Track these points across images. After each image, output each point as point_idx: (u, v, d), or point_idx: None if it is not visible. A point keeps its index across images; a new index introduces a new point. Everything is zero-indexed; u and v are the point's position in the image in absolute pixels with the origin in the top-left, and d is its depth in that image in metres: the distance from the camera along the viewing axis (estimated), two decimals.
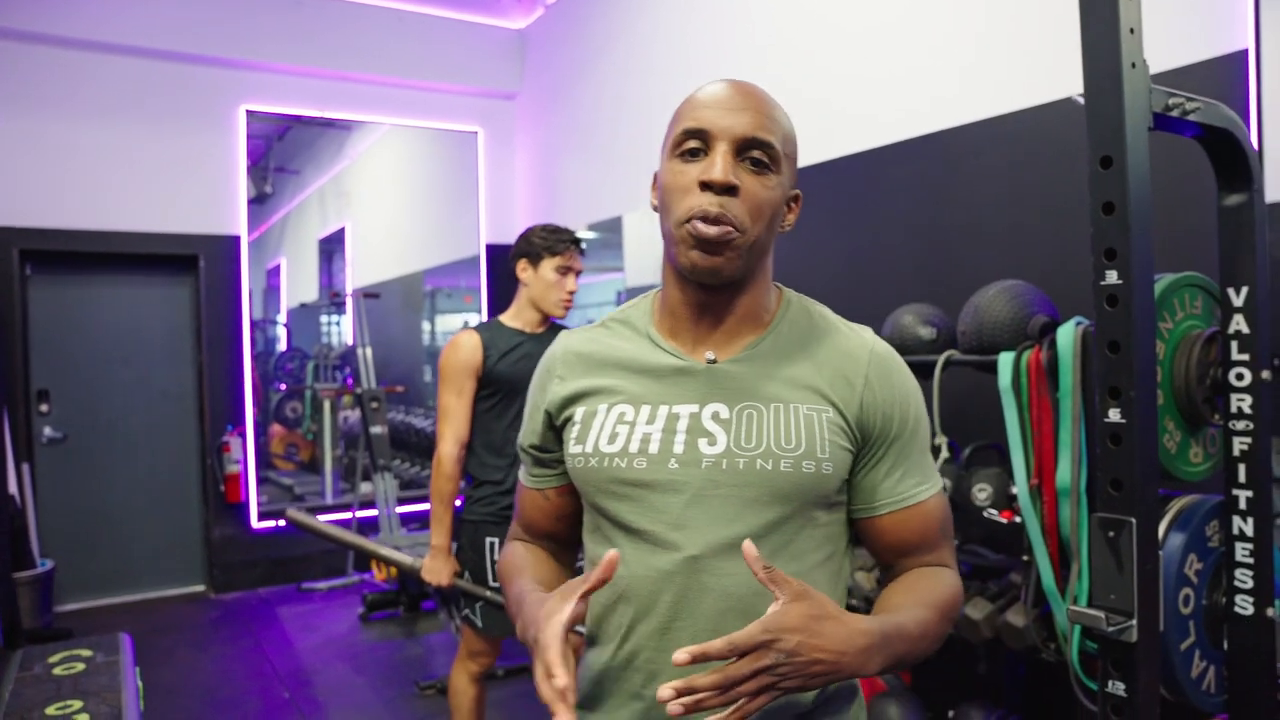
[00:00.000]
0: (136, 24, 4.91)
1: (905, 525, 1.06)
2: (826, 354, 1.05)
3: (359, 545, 2.76)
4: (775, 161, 1.00)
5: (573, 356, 1.12)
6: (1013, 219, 2.84)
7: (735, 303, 1.04)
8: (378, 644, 4.41)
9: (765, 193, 0.99)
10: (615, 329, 1.13)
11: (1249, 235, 1.61)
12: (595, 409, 1.06)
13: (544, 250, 2.63)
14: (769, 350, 1.05)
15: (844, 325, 1.10)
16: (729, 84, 1.03)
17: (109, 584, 5.15)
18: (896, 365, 1.07)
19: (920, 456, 1.07)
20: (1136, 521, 1.34)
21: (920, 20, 3.18)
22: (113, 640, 2.12)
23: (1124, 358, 1.35)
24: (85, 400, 5.09)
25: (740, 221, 0.97)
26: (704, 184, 0.97)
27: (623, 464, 1.02)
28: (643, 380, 1.06)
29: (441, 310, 7.36)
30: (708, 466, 1.00)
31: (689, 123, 1.00)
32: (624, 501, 1.03)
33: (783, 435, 1.00)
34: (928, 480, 1.07)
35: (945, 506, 1.10)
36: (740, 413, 1.02)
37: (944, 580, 1.06)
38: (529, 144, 6.07)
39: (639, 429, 1.03)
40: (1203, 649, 1.74)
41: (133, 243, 5.05)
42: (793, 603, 0.85)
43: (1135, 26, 1.35)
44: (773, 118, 1.01)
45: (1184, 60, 2.33)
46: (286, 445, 6.67)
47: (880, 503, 1.05)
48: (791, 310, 1.09)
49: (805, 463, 0.99)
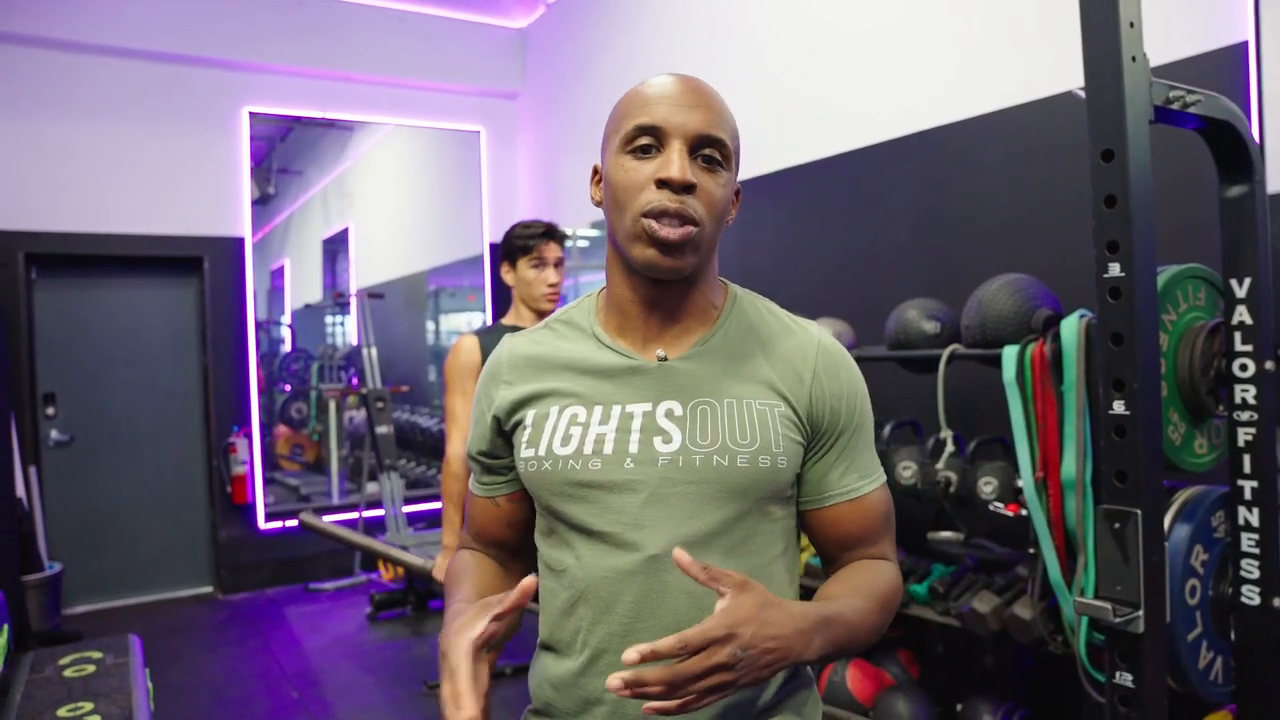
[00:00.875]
0: (138, 26, 4.93)
1: (849, 518, 1.06)
2: (775, 348, 1.06)
3: (371, 548, 2.77)
4: (726, 159, 1.01)
5: (519, 359, 1.10)
6: (1015, 213, 2.84)
7: (685, 299, 1.04)
8: (385, 644, 4.42)
9: (719, 190, 1.00)
10: (559, 330, 1.11)
11: (1251, 227, 1.62)
12: (546, 411, 1.05)
13: (518, 250, 2.66)
14: (719, 346, 1.05)
15: (791, 320, 1.10)
16: (679, 79, 1.02)
17: (117, 586, 5.17)
18: (843, 359, 1.08)
19: (865, 450, 1.08)
20: (1142, 513, 1.34)
21: (919, 16, 3.18)
22: (122, 642, 2.13)
23: (1127, 350, 1.36)
24: (91, 403, 5.11)
25: (699, 218, 0.97)
26: (661, 182, 0.96)
27: (577, 465, 1.01)
28: (593, 381, 1.04)
29: (445, 310, 7.37)
30: (664, 465, 0.99)
31: (641, 118, 0.99)
32: (580, 504, 1.01)
33: (738, 431, 1.00)
34: (872, 474, 1.08)
35: (887, 500, 1.10)
36: (694, 409, 1.01)
37: (883, 572, 1.06)
38: (531, 143, 6.08)
39: (593, 430, 1.01)
40: (1210, 640, 1.74)
41: (137, 245, 5.06)
42: (740, 594, 0.85)
43: (1135, 20, 1.35)
44: (722, 115, 1.01)
45: (1184, 53, 2.33)
46: (292, 446, 6.69)
47: (827, 494, 1.06)
48: (739, 305, 1.09)
49: (761, 458, 1.00)
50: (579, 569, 1.02)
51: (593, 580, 1.01)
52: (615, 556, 1.00)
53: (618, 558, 1.00)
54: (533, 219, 2.72)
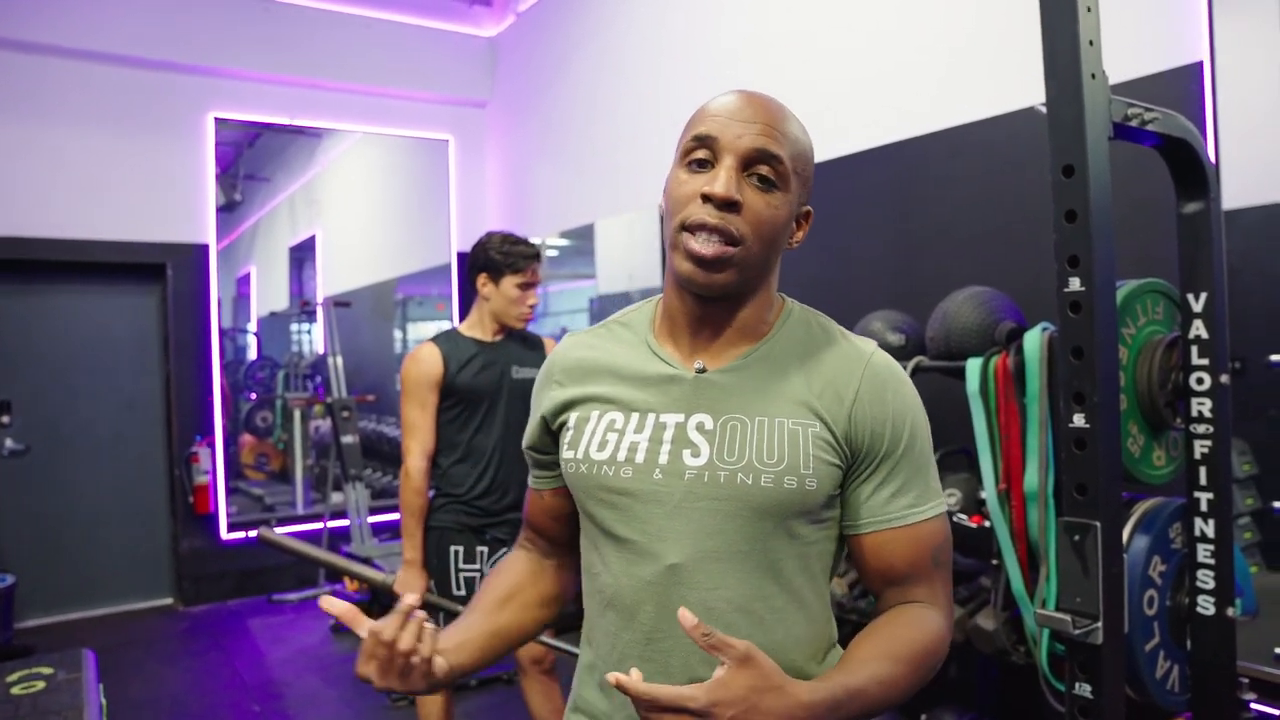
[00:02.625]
0: (100, 29, 4.85)
1: (891, 548, 1.01)
2: (819, 367, 1.03)
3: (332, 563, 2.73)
4: (783, 178, 0.98)
5: (572, 362, 1.12)
6: (980, 226, 2.87)
7: (733, 315, 1.03)
8: (349, 655, 4.36)
9: (768, 210, 0.97)
10: (617, 332, 1.12)
11: (1207, 242, 1.64)
12: (588, 415, 1.06)
13: (505, 267, 2.63)
14: (760, 361, 1.03)
15: (844, 337, 1.07)
16: (744, 94, 1.01)
17: (73, 598, 5.05)
18: (893, 379, 1.03)
19: (916, 476, 1.02)
20: (1101, 525, 1.36)
21: (889, 29, 3.22)
22: (75, 656, 2.08)
23: (1087, 363, 1.37)
24: (48, 411, 5.00)
25: (741, 236, 0.96)
26: (705, 196, 0.95)
27: (610, 472, 1.02)
28: (635, 388, 1.05)
29: (413, 318, 7.32)
30: (690, 478, 0.99)
31: (699, 129, 0.99)
32: (610, 509, 1.02)
33: (765, 450, 0.98)
34: (923, 503, 1.02)
35: (943, 532, 1.04)
36: (724, 424, 1.00)
37: (926, 626, 1.00)
38: (500, 152, 6.06)
39: (627, 437, 1.02)
40: (1167, 649, 1.76)
41: (98, 251, 4.97)
42: (737, 670, 0.81)
43: (1095, 39, 1.38)
44: (784, 133, 0.99)
45: (1142, 72, 2.37)
46: (257, 455, 6.59)
47: (864, 520, 1.01)
48: (791, 321, 1.07)
49: (787, 478, 0.97)
50: (607, 574, 1.04)
51: (620, 587, 1.03)
52: (638, 565, 1.01)
53: (640, 567, 1.01)
54: (517, 236, 2.69)
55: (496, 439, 2.67)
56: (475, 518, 2.63)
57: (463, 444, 2.64)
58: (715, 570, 0.97)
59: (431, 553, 2.62)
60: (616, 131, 4.76)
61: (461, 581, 2.61)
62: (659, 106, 4.39)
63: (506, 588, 1.17)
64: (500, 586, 1.17)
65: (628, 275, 4.75)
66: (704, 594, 0.98)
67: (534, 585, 1.19)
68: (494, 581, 1.18)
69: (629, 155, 4.67)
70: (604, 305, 4.99)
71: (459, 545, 2.61)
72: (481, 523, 2.64)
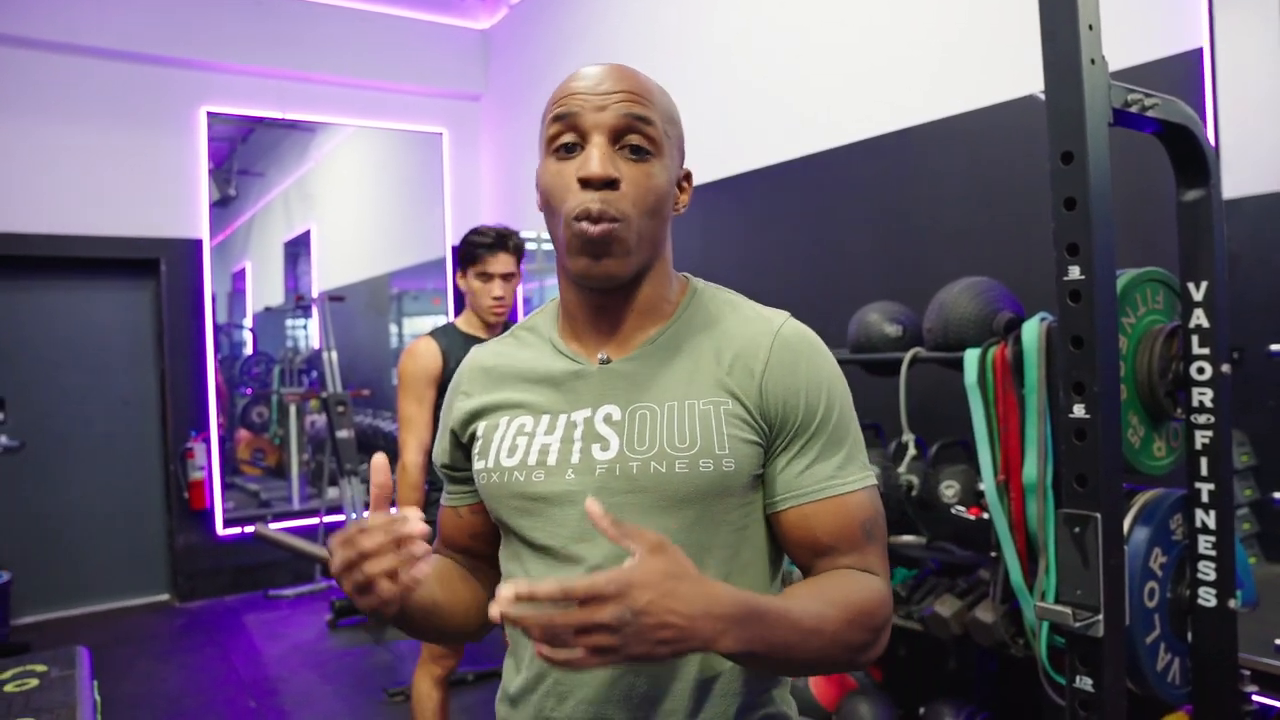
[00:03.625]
0: (92, 23, 4.81)
1: (815, 521, 0.95)
2: (728, 342, 0.97)
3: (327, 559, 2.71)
4: (656, 144, 0.94)
5: (478, 371, 1.07)
6: (978, 216, 2.85)
7: (632, 299, 0.98)
8: (346, 651, 4.35)
9: (648, 181, 0.93)
10: (523, 338, 1.07)
11: (1207, 230, 1.63)
12: (497, 423, 1.01)
13: (466, 260, 2.60)
14: (666, 344, 0.98)
15: (753, 310, 1.02)
16: (599, 68, 0.95)
17: (69, 595, 5.04)
18: (805, 349, 0.98)
19: (836, 447, 0.96)
20: (1101, 517, 1.34)
21: (883, 19, 3.19)
22: (69, 654, 2.06)
23: (1087, 353, 1.35)
24: (42, 408, 4.97)
25: (624, 214, 0.91)
26: (582, 180, 0.91)
27: (521, 477, 0.97)
28: (542, 389, 1.00)
29: (408, 313, 7.30)
30: (601, 474, 0.94)
31: (557, 110, 0.94)
32: (526, 516, 0.97)
33: (676, 434, 0.93)
34: (847, 475, 0.96)
35: (872, 505, 0.98)
36: (633, 414, 0.95)
37: (861, 583, 0.93)
38: (494, 145, 6.03)
39: (538, 440, 0.97)
40: (1168, 642, 1.75)
41: (91, 247, 4.94)
42: (649, 557, 0.76)
43: (1094, 23, 1.36)
44: (648, 98, 0.94)
45: (1142, 58, 2.36)
46: (253, 450, 6.58)
47: (781, 496, 0.96)
48: (696, 300, 1.02)
49: (702, 461, 0.92)
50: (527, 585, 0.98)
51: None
52: (559, 571, 0.95)
53: (562, 573, 0.94)
54: (489, 225, 2.65)
55: None
56: None
57: None
58: None
59: None
60: None
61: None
62: None
63: (445, 566, 1.07)
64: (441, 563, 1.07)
65: None
66: None
67: (465, 580, 1.08)
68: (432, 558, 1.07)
69: None
70: None
71: None
72: None
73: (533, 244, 5.74)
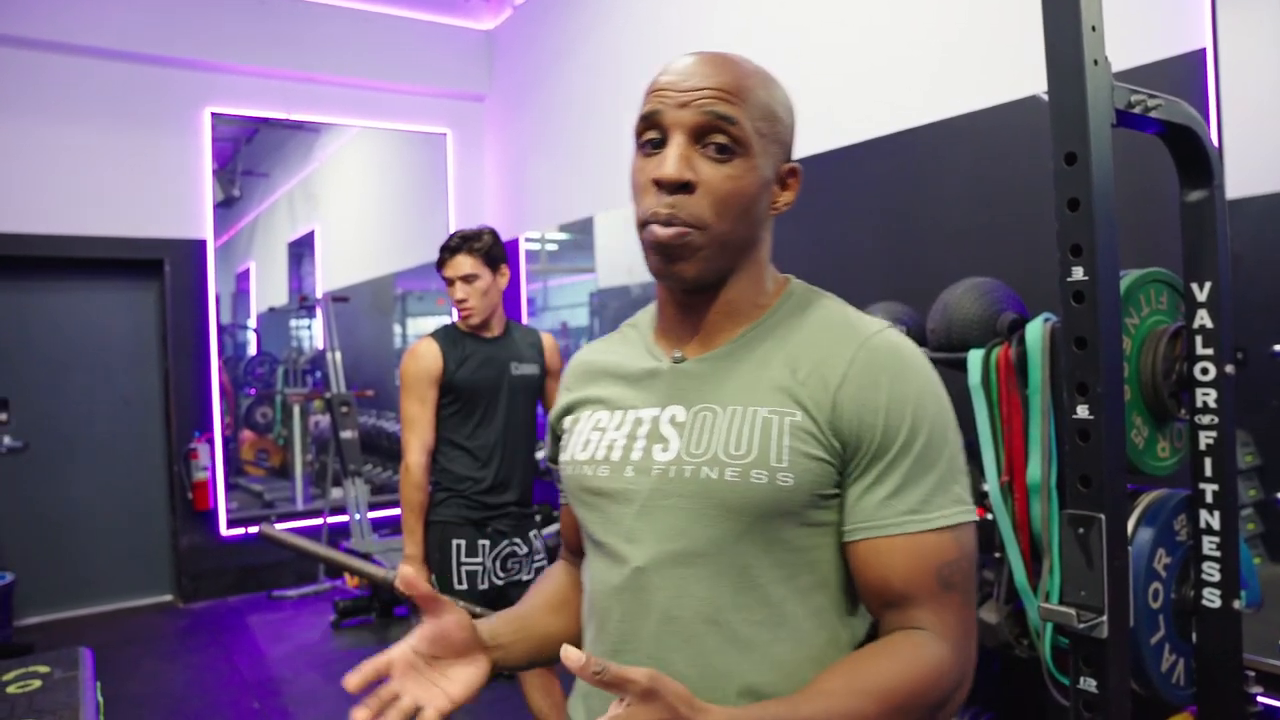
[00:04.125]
0: (97, 25, 4.83)
1: (885, 560, 0.86)
2: (810, 350, 0.90)
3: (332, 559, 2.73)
4: (743, 143, 0.88)
5: (578, 368, 1.08)
6: (981, 216, 2.85)
7: (717, 300, 0.94)
8: (349, 651, 4.36)
9: (729, 183, 0.87)
10: (626, 334, 1.07)
11: (1211, 231, 1.62)
12: (579, 417, 1.02)
13: (436, 265, 2.66)
14: (745, 347, 0.93)
15: (845, 317, 0.94)
16: (690, 58, 0.91)
17: (73, 596, 5.05)
18: (894, 363, 0.89)
19: (920, 478, 0.86)
20: (1105, 517, 1.34)
21: (887, 19, 3.19)
22: (72, 655, 2.06)
23: (1091, 354, 1.35)
24: (46, 408, 4.99)
25: (699, 219, 0.87)
26: (655, 182, 0.88)
27: (589, 472, 0.96)
28: (622, 385, 1.00)
29: (412, 313, 7.31)
30: (657, 474, 0.91)
31: (645, 108, 0.91)
32: (591, 511, 0.97)
33: (733, 441, 0.88)
34: (929, 510, 0.85)
35: (957, 548, 0.86)
36: (696, 415, 0.92)
37: (913, 657, 0.83)
38: (498, 145, 6.04)
39: (608, 435, 0.96)
40: (1172, 643, 1.75)
41: (95, 247, 4.95)
42: (640, 706, 0.70)
43: (1097, 24, 1.35)
44: (740, 91, 0.88)
45: (1145, 59, 2.35)
46: (257, 451, 6.60)
47: (851, 526, 0.87)
48: (789, 303, 0.97)
49: (755, 472, 0.86)
50: (589, 581, 0.98)
51: (595, 594, 0.96)
52: (610, 570, 0.94)
53: (612, 571, 0.93)
54: (462, 229, 2.67)
55: (498, 434, 2.66)
56: (477, 511, 2.62)
57: (463, 439, 2.63)
58: (679, 575, 0.88)
59: (433, 547, 2.61)
60: (614, 124, 4.73)
61: (464, 575, 2.60)
62: None
63: (560, 594, 1.10)
64: (556, 592, 1.10)
65: (627, 269, 4.73)
66: (667, 601, 0.89)
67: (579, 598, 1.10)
68: (546, 586, 1.12)
69: (627, 147, 4.56)
70: (604, 299, 4.97)
71: (461, 539, 2.60)
72: (483, 516, 2.63)
73: (535, 244, 5.75)
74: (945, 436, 0.88)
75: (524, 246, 5.76)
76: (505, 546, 2.66)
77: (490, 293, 2.64)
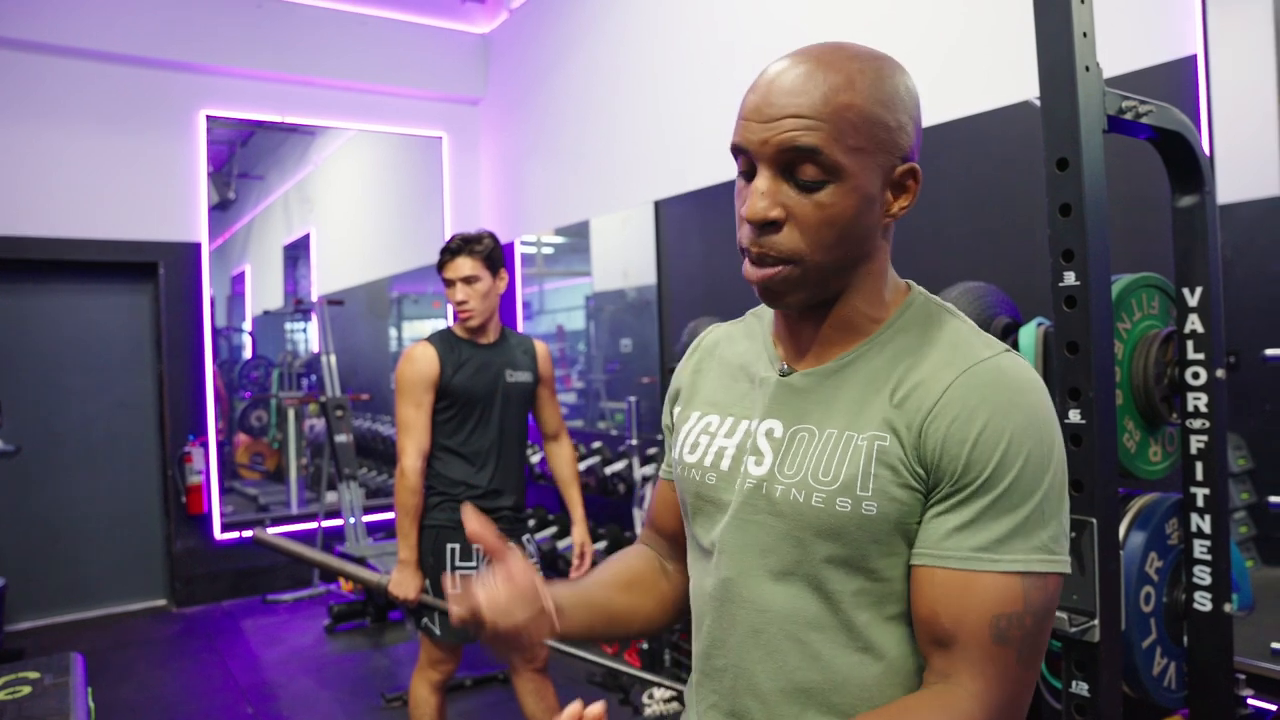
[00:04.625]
0: (91, 27, 4.82)
1: (937, 593, 0.81)
2: (915, 371, 0.85)
3: (326, 564, 2.73)
4: (833, 169, 0.82)
5: (706, 351, 1.06)
6: (975, 221, 2.86)
7: (828, 315, 0.90)
8: (344, 655, 4.35)
9: (822, 211, 0.82)
10: (750, 325, 1.04)
11: (1202, 236, 1.63)
12: (689, 415, 1.02)
13: (437, 266, 2.66)
14: (853, 364, 0.89)
15: (960, 337, 0.88)
16: (779, 67, 0.85)
17: (66, 600, 5.03)
18: (999, 393, 0.81)
19: (1001, 519, 0.79)
20: (1097, 522, 1.35)
21: (880, 24, 3.20)
22: (63, 660, 2.05)
23: (1083, 358, 1.36)
24: (39, 412, 4.97)
25: (793, 254, 0.84)
26: (744, 218, 0.86)
27: (697, 476, 0.97)
28: (734, 388, 0.99)
29: (407, 317, 7.30)
30: (749, 488, 0.90)
31: (734, 137, 0.86)
32: (694, 514, 0.98)
33: (823, 465, 0.85)
34: (1003, 551, 0.79)
35: (1022, 599, 0.79)
36: (793, 434, 0.90)
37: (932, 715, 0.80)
38: (494, 149, 6.04)
39: (716, 441, 0.96)
40: (1164, 646, 1.75)
41: (89, 250, 4.94)
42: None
43: (1089, 30, 1.36)
44: (828, 114, 0.81)
45: (1136, 65, 2.36)
46: (252, 454, 6.59)
47: (917, 549, 0.83)
48: (905, 318, 0.91)
49: (840, 499, 0.83)
50: (692, 579, 1.01)
51: (695, 595, 0.99)
52: (705, 575, 0.96)
53: (706, 577, 0.96)
54: (462, 232, 2.69)
55: (493, 440, 2.66)
56: None
57: (458, 444, 2.63)
58: (764, 590, 0.89)
59: (428, 551, 2.61)
60: (611, 127, 4.74)
61: (458, 580, 2.60)
62: (653, 102, 4.38)
63: (633, 572, 1.09)
64: (626, 570, 1.09)
65: (623, 272, 4.73)
66: (752, 615, 0.90)
67: (656, 584, 1.11)
68: (616, 564, 1.10)
69: (623, 151, 4.65)
70: (599, 302, 4.97)
71: (456, 543, 2.60)
72: None
73: (532, 248, 5.75)
74: (1041, 479, 0.81)
75: (520, 250, 5.76)
76: None
77: (490, 296, 2.65)
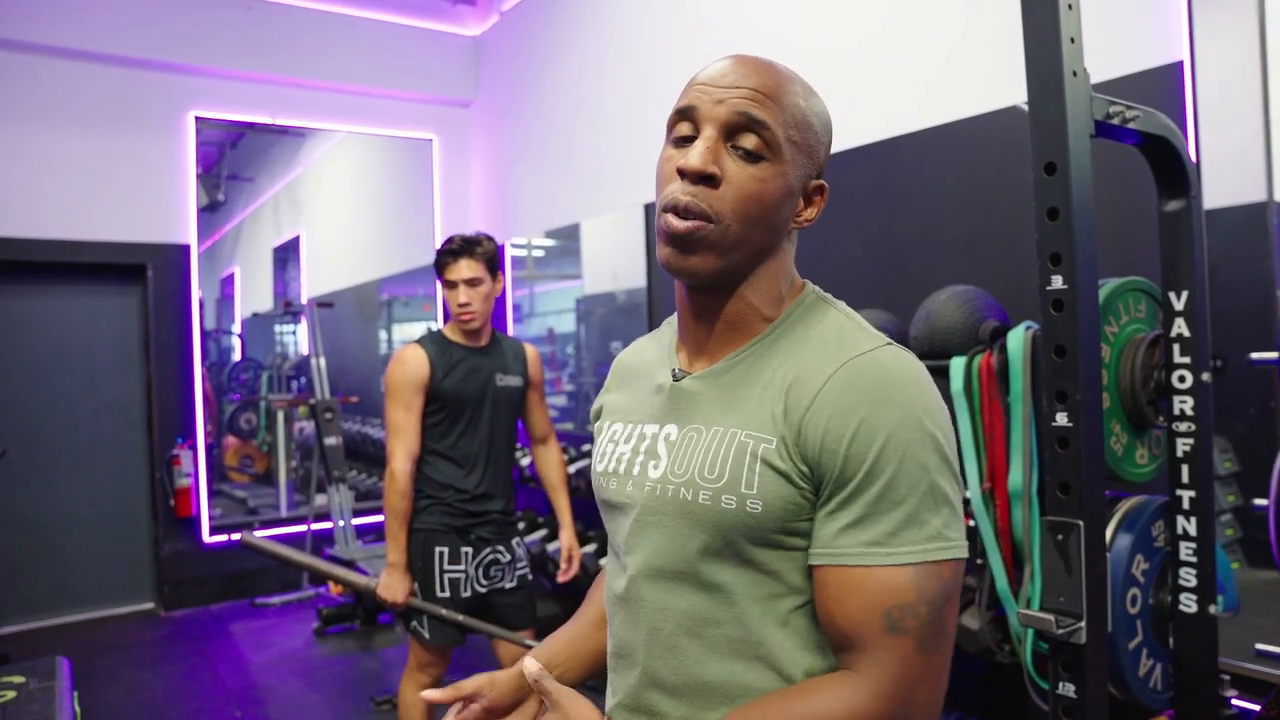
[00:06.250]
0: (80, 27, 4.79)
1: (833, 595, 0.82)
2: (797, 369, 0.87)
3: (314, 567, 2.72)
4: (773, 147, 0.86)
5: (619, 366, 1.11)
6: (964, 224, 2.87)
7: (722, 308, 0.92)
8: (333, 659, 4.33)
9: (753, 184, 0.86)
10: (662, 333, 1.07)
11: (1188, 240, 1.64)
12: (602, 426, 1.06)
13: (436, 267, 2.66)
14: (743, 363, 0.92)
15: (841, 333, 0.89)
16: (732, 59, 0.90)
17: (52, 604, 4.99)
18: (873, 386, 0.82)
19: (886, 511, 0.80)
20: (1084, 524, 1.35)
21: (873, 29, 3.22)
22: (48, 664, 2.04)
23: (1070, 362, 1.37)
24: (25, 414, 4.94)
25: (717, 213, 0.86)
26: (679, 171, 0.86)
27: (604, 484, 1.01)
28: (639, 396, 1.02)
29: (397, 319, 7.29)
30: (648, 490, 0.93)
31: (680, 102, 0.90)
32: (607, 520, 1.02)
33: (708, 464, 0.88)
34: (891, 544, 0.80)
35: (913, 589, 0.80)
36: (685, 435, 0.92)
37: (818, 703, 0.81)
38: (485, 151, 6.04)
39: (619, 448, 1.00)
40: (1150, 648, 1.76)
41: (77, 252, 4.92)
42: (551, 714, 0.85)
43: (1076, 36, 1.37)
44: (777, 96, 0.87)
45: (1123, 71, 2.38)
46: (241, 457, 6.55)
47: (814, 550, 0.85)
48: (794, 316, 0.93)
49: (725, 496, 0.86)
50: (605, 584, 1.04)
51: (606, 598, 1.03)
52: (616, 578, 0.99)
53: (617, 579, 0.99)
54: (461, 234, 2.68)
55: (482, 443, 2.66)
56: (459, 518, 2.62)
57: (447, 448, 2.63)
58: (661, 589, 0.92)
59: (416, 554, 2.60)
60: (602, 131, 4.75)
61: (446, 583, 2.60)
62: (644, 106, 4.38)
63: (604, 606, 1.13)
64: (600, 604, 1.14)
65: (613, 275, 4.73)
66: (652, 613, 0.93)
67: None
68: (596, 596, 1.15)
69: (614, 154, 4.65)
70: (590, 305, 4.98)
71: (444, 546, 2.60)
72: (466, 523, 2.63)
73: (522, 250, 5.74)
74: (924, 470, 0.81)
75: (510, 253, 5.76)
76: (488, 554, 2.66)
77: (489, 298, 2.66)
